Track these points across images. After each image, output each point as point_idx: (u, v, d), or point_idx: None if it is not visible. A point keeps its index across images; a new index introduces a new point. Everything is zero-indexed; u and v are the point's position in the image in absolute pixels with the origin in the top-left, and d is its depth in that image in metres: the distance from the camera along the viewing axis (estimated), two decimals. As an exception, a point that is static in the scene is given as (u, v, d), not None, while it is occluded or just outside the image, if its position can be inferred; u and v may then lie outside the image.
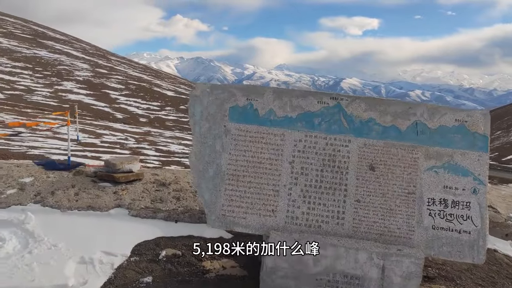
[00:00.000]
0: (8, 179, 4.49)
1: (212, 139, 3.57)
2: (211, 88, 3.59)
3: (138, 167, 4.95)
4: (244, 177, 3.54)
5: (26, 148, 13.77)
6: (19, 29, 75.81)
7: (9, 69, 44.38)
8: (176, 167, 13.90)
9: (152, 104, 44.04)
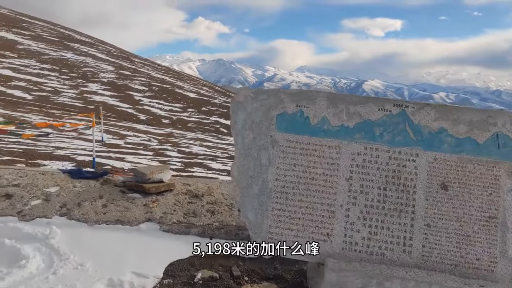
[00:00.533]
0: (33, 189, 4.20)
1: (257, 151, 3.15)
2: (255, 93, 3.18)
3: (169, 176, 4.59)
4: (294, 195, 3.10)
5: (52, 148, 13.76)
6: (47, 32, 77.66)
7: (37, 71, 45.31)
8: (199, 169, 13.62)
9: (175, 105, 44.13)
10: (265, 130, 3.15)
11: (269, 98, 3.16)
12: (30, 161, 10.91)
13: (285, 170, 3.13)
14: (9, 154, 11.46)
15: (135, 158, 14.15)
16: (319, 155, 3.11)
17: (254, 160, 3.15)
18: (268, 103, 3.15)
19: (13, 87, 36.67)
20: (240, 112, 3.18)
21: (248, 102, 3.17)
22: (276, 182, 3.13)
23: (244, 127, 3.17)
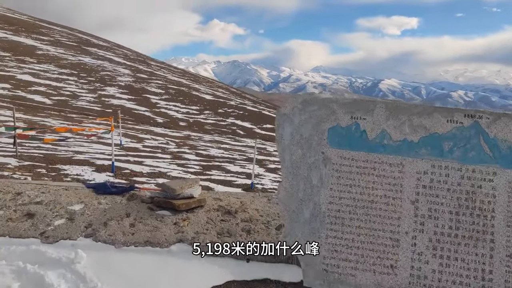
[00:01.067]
0: (56, 206, 3.93)
1: (307, 169, 2.79)
2: (303, 103, 2.81)
3: (199, 191, 4.26)
4: (352, 220, 2.72)
5: (72, 153, 13.69)
6: (65, 37, 78.90)
7: (56, 76, 45.91)
8: (217, 172, 13.35)
9: (191, 108, 44.12)
10: (315, 146, 2.78)
11: (320, 110, 2.78)
12: (51, 166, 10.81)
13: (340, 191, 2.75)
14: (30, 159, 11.36)
15: (154, 161, 13.99)
16: (379, 174, 2.71)
17: (304, 181, 2.78)
18: (318, 115, 2.78)
19: (33, 92, 37.18)
20: (286, 125, 2.81)
21: (296, 114, 2.80)
22: (330, 205, 2.75)
23: (292, 143, 2.80)
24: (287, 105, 2.83)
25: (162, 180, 11.04)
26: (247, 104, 57.34)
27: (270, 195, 4.80)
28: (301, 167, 2.80)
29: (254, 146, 12.33)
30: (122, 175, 10.98)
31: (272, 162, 18.38)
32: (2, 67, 43.77)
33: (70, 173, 10.41)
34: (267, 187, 11.84)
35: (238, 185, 11.69)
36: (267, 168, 16.04)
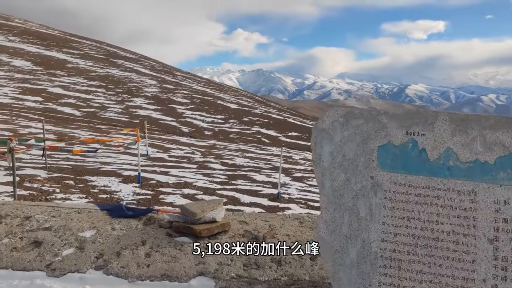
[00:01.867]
0: (66, 233, 3.56)
1: (353, 198, 2.27)
2: (346, 117, 2.29)
3: (223, 214, 3.80)
4: (411, 263, 2.17)
5: (100, 164, 13.74)
6: (94, 50, 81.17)
7: (85, 88, 47.02)
8: (243, 182, 12.98)
9: (216, 117, 44.13)
10: (362, 169, 2.25)
11: (366, 124, 2.26)
12: (79, 178, 10.81)
13: (395, 226, 2.20)
14: (59, 171, 11.42)
15: (179, 171, 13.89)
16: (445, 205, 2.15)
17: (349, 212, 2.26)
18: (364, 130, 2.26)
19: (64, 104, 38.13)
20: (325, 143, 2.31)
21: (337, 130, 2.29)
22: (382, 244, 2.21)
23: (333, 165, 2.29)
24: (326, 119, 2.32)
25: (188, 190, 10.79)
26: (271, 112, 56.98)
27: (302, 217, 4.27)
28: (345, 195, 2.27)
29: (280, 155, 11.92)
30: (148, 186, 10.81)
31: (298, 171, 17.89)
32: (35, 81, 45.21)
33: (97, 184, 10.33)
34: (294, 196, 11.43)
35: (264, 195, 11.33)
36: (293, 177, 15.59)
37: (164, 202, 9.26)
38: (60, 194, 8.71)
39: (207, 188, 11.48)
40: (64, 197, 8.48)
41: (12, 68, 48.83)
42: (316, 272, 3.33)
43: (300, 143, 37.50)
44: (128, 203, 9.00)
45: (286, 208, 9.83)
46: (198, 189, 11.16)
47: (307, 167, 20.39)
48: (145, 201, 9.21)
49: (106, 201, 8.86)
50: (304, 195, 11.89)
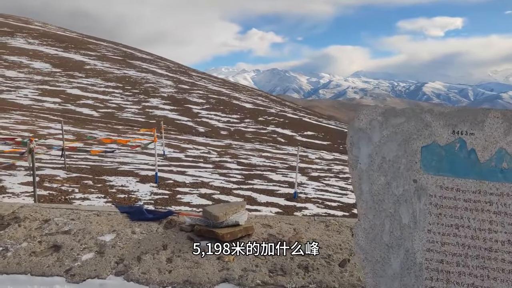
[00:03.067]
0: (85, 237, 3.45)
1: (394, 204, 2.07)
2: (385, 115, 2.10)
3: (246, 217, 3.64)
4: (461, 275, 1.96)
5: (118, 164, 13.80)
6: (111, 51, 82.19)
7: (103, 89, 47.57)
8: (259, 181, 12.84)
9: (232, 116, 44.10)
10: (404, 172, 2.05)
11: (408, 122, 2.06)
12: (97, 177, 10.87)
13: (442, 235, 1.99)
14: (77, 171, 11.51)
15: (196, 171, 13.86)
16: (498, 211, 1.94)
17: (391, 219, 2.06)
18: (406, 129, 2.06)
19: (82, 105, 38.61)
20: (363, 144, 2.12)
21: (375, 129, 2.10)
22: (428, 254, 2.00)
23: (371, 168, 2.10)
24: (363, 117, 2.13)
25: (205, 190, 10.71)
26: (287, 111, 56.67)
27: (327, 220, 4.07)
28: (385, 200, 2.07)
29: (297, 154, 11.75)
30: (165, 186, 10.79)
31: (315, 170, 17.66)
32: (54, 82, 45.97)
33: (115, 184, 10.37)
34: (311, 196, 11.27)
35: (281, 194, 11.22)
36: (309, 177, 15.39)
37: (181, 202, 9.21)
38: (79, 194, 8.75)
39: (224, 187, 11.43)
40: (83, 197, 8.51)
41: (31, 70, 49.75)
42: (346, 280, 3.14)
43: (316, 142, 37.15)
44: (146, 203, 8.95)
45: (303, 208, 9.71)
46: (215, 189, 11.11)
47: (323, 166, 20.11)
48: (163, 201, 9.17)
49: (124, 201, 8.84)
50: (321, 195, 11.72)
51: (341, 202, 11.03)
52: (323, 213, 9.40)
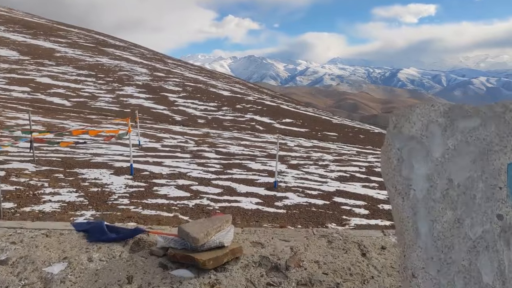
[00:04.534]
0: (27, 268, 2.63)
1: (468, 252, 1.35)
2: (449, 115, 1.38)
3: (232, 235, 2.89)
4: None
5: (90, 155, 13.18)
6: (82, 38, 79.19)
7: (75, 77, 45.70)
8: (238, 171, 12.33)
9: (209, 104, 43.15)
10: (482, 202, 1.35)
11: (485, 127, 1.35)
12: (68, 170, 10.32)
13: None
14: (47, 164, 10.87)
15: (173, 161, 13.35)
16: None
17: (464, 276, 1.35)
18: (482, 137, 1.36)
19: (52, 94, 36.90)
20: (417, 160, 1.40)
21: (436, 137, 1.39)
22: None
23: (432, 196, 1.39)
24: (415, 119, 1.42)
25: (183, 181, 10.20)
26: (265, 99, 56.00)
27: (329, 234, 3.39)
28: (455, 247, 1.37)
29: (277, 143, 11.24)
30: (141, 178, 10.31)
31: (294, 158, 17.27)
32: (22, 71, 43.70)
33: (88, 177, 9.82)
34: (291, 185, 11.03)
35: (261, 184, 10.90)
36: (289, 165, 15.02)
37: (158, 195, 8.81)
38: (49, 189, 8.26)
39: (202, 178, 11.06)
40: (53, 191, 8.05)
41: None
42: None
43: (294, 129, 36.77)
44: (121, 196, 8.26)
45: (283, 198, 9.50)
46: (193, 180, 10.72)
47: (302, 154, 19.72)
48: (138, 194, 8.71)
49: (97, 194, 8.32)
50: (301, 183, 11.44)
51: (321, 190, 10.82)
52: (304, 202, 9.18)
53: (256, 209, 8.30)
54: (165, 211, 7.54)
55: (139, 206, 7.77)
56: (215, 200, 8.70)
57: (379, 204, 9.69)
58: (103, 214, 6.98)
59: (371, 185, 12.26)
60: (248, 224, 6.99)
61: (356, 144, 31.90)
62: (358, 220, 8.05)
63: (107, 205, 7.68)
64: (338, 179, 12.93)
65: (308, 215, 8.13)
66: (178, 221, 6.74)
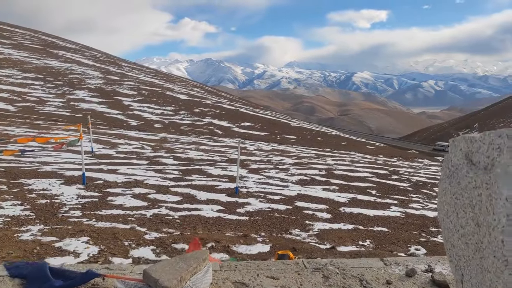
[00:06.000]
0: None
1: None
2: None
3: (210, 277, 2.47)
4: None
5: (38, 164, 12.26)
6: (29, 40, 75.06)
7: (20, 81, 43.11)
8: (198, 177, 11.97)
9: (166, 108, 42.21)
10: None
11: None
12: (13, 181, 9.56)
13: None
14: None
15: (129, 168, 12.74)
16: None
17: None
18: None
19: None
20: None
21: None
22: None
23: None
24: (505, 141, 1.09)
25: (139, 190, 9.73)
26: (223, 102, 55.73)
27: (323, 266, 3.00)
28: None
29: (238, 147, 11.09)
30: (94, 187, 9.67)
31: (254, 162, 17.15)
32: (-41, 74, 40.63)
33: (35, 188, 9.14)
34: (252, 190, 10.82)
35: (222, 190, 10.65)
36: (249, 169, 14.86)
37: (113, 205, 8.28)
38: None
39: (160, 185, 10.64)
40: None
41: None
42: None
43: (254, 133, 36.79)
44: (72, 208, 7.69)
45: (246, 204, 9.25)
46: (150, 188, 10.29)
47: (262, 157, 19.67)
48: (91, 205, 8.15)
49: (45, 207, 7.59)
50: (263, 188, 11.30)
51: (283, 194, 10.74)
52: (266, 208, 8.96)
53: (217, 217, 8.06)
54: (121, 222, 7.12)
55: (92, 218, 7.29)
56: (175, 209, 8.36)
57: (341, 207, 9.77)
58: (52, 228, 6.47)
59: (331, 188, 12.38)
60: (210, 234, 6.74)
61: (315, 147, 32.41)
62: (321, 225, 8.02)
63: (57, 218, 7.14)
64: (299, 182, 12.95)
65: (271, 222, 8.00)
66: (136, 234, 6.37)
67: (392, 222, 8.80)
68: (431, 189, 13.88)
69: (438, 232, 8.22)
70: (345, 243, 6.90)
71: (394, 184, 14.09)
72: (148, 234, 6.48)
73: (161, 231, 6.75)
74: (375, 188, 12.91)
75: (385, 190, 12.68)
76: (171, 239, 6.22)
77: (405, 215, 9.59)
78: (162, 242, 6.07)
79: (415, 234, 7.99)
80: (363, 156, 28.31)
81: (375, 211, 9.69)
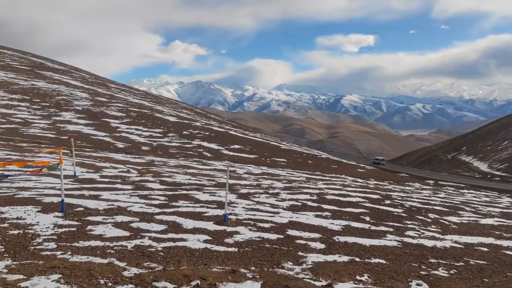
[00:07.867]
0: None
1: None
2: None
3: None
4: None
5: (15, 190, 11.66)
6: (17, 61, 74.63)
7: (6, 102, 42.41)
8: (185, 203, 11.48)
9: (154, 131, 41.66)
10: None
11: None
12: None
13: None
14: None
15: (112, 194, 12.23)
16: None
17: None
18: None
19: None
20: None
21: None
22: None
23: None
24: None
25: (122, 218, 9.21)
26: (212, 124, 55.40)
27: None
28: None
29: (227, 171, 10.64)
30: (73, 215, 9.12)
31: (244, 187, 16.64)
32: None
33: (8, 216, 8.50)
34: (242, 217, 10.35)
35: (209, 217, 10.10)
36: (239, 194, 14.36)
37: (92, 235, 7.75)
38: None
39: (144, 213, 10.13)
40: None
41: None
42: None
43: (243, 156, 36.33)
44: (46, 240, 7.12)
45: (234, 233, 8.79)
46: (134, 215, 9.74)
47: (252, 181, 19.19)
48: (68, 235, 7.57)
49: (17, 238, 7.03)
50: (253, 215, 10.81)
51: (274, 222, 10.30)
52: (256, 237, 8.45)
53: (204, 248, 7.51)
54: (98, 256, 6.54)
55: (67, 251, 6.70)
56: (158, 239, 7.80)
57: (334, 236, 9.28)
58: (21, 264, 5.88)
59: (323, 214, 11.91)
60: (195, 269, 6.20)
61: (305, 170, 32.02)
62: (315, 257, 7.52)
63: (28, 251, 6.54)
64: (290, 208, 12.47)
65: (262, 253, 7.48)
66: (113, 270, 5.80)
67: (389, 252, 8.34)
68: (426, 215, 13.51)
69: (438, 264, 7.77)
70: (342, 278, 6.41)
71: (387, 209, 13.69)
72: (127, 270, 5.92)
73: (142, 266, 6.19)
74: (369, 214, 12.50)
75: (379, 217, 12.27)
76: (152, 276, 5.67)
77: (401, 244, 9.14)
78: (142, 280, 5.52)
79: (414, 266, 7.53)
80: (354, 180, 27.99)
81: (370, 240, 9.23)
